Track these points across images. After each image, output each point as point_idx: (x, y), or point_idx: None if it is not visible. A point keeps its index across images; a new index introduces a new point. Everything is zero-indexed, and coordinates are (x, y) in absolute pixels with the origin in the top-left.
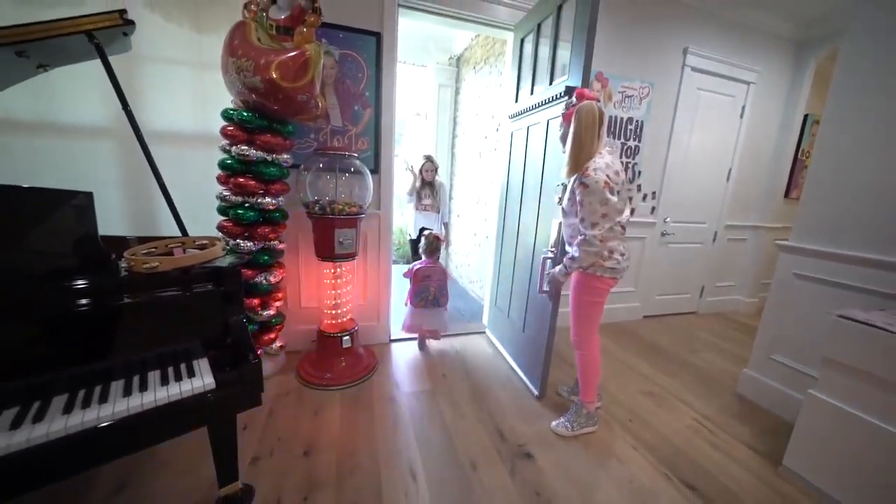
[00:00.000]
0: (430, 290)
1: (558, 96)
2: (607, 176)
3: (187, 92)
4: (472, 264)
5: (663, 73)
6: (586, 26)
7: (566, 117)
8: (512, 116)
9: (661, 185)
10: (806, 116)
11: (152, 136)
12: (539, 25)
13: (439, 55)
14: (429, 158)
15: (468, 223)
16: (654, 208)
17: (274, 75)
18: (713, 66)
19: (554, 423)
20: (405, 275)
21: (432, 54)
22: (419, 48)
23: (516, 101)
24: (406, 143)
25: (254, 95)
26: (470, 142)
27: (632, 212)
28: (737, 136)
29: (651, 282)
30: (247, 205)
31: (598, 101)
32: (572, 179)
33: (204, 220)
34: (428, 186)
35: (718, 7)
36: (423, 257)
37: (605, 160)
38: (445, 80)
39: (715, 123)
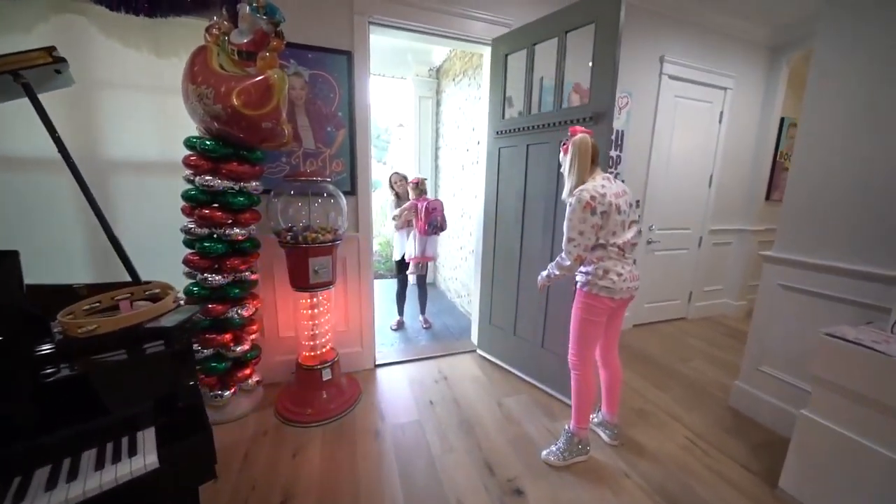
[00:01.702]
0: (437, 219)
1: (585, 119)
2: (591, 196)
3: (150, 118)
4: (459, 278)
5: (641, 82)
6: (612, 56)
7: (564, 150)
8: (500, 133)
9: (644, 194)
10: (782, 119)
11: (113, 165)
12: (534, 46)
13: (419, 67)
14: (395, 173)
15: (454, 236)
16: (639, 217)
17: (236, 103)
18: (690, 73)
19: (544, 452)
20: (408, 207)
21: (411, 66)
22: (398, 61)
23: (503, 116)
24: (392, 152)
25: (216, 123)
26: (452, 154)
27: (638, 233)
28: (717, 142)
29: (640, 290)
30: (214, 236)
31: (591, 134)
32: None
33: (171, 253)
34: (403, 201)
35: (692, 15)
36: (413, 198)
37: (596, 183)
38: (426, 92)
39: (695, 130)
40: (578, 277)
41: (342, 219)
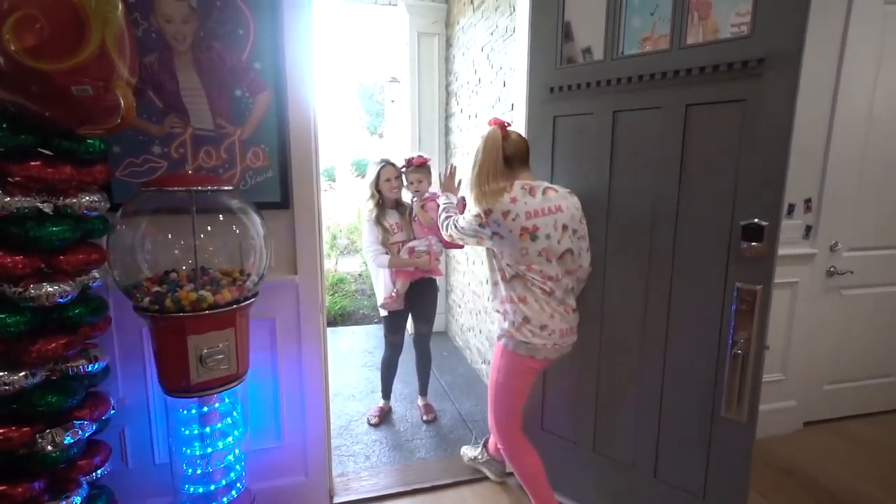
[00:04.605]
0: None
1: (743, 65)
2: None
3: None
4: (483, 331)
5: None
6: None
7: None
8: (556, 90)
9: (820, 186)
10: None
11: None
12: None
13: None
14: (386, 163)
15: (474, 263)
16: (809, 228)
17: (12, 45)
18: None
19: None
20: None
21: None
22: None
23: (560, 61)
24: (391, 121)
25: None
26: (470, 126)
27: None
28: None
29: (813, 361)
30: (5, 299)
31: (509, 124)
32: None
33: None
34: (393, 209)
35: None
36: (421, 191)
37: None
38: (428, 26)
39: None
40: (497, 323)
41: (259, 257)
